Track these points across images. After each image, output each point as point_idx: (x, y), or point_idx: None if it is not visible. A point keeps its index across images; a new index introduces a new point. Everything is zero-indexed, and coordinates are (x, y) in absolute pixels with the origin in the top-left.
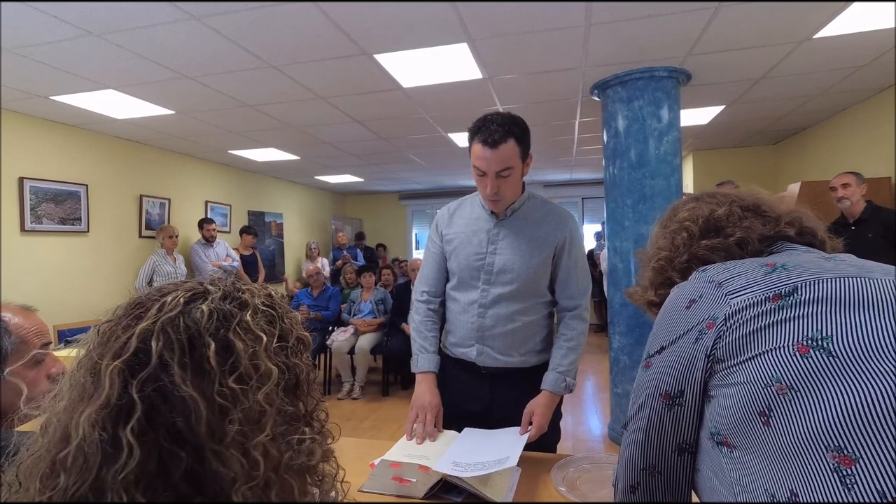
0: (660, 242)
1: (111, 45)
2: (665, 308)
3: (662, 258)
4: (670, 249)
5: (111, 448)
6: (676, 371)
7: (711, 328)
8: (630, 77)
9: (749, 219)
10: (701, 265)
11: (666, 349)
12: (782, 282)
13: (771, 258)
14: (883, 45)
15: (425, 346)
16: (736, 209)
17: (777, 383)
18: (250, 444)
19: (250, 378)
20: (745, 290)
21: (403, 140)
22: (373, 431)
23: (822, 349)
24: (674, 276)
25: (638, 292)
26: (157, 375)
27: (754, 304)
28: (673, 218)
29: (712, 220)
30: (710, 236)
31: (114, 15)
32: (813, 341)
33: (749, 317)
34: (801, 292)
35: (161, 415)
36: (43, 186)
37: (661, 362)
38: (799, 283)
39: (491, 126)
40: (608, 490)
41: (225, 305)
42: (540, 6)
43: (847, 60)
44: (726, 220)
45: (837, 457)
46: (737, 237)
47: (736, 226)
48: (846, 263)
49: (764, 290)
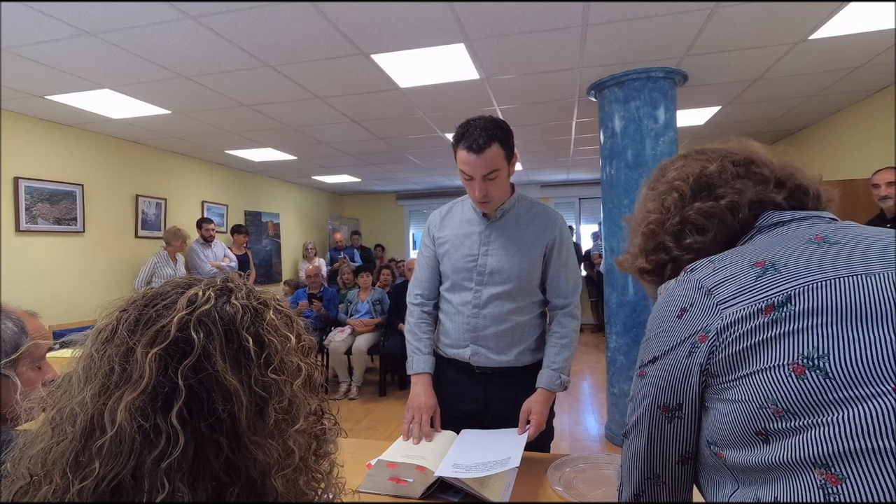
0: (648, 205)
1: (107, 45)
2: (656, 313)
3: (653, 221)
4: (661, 212)
5: (153, 435)
6: (673, 384)
7: (704, 341)
8: (627, 78)
9: (741, 178)
10: (694, 231)
11: (659, 360)
12: (774, 288)
13: (759, 250)
14: (878, 47)
15: (420, 348)
16: (728, 165)
17: (773, 405)
18: (287, 433)
19: (283, 373)
20: (736, 299)
21: (401, 140)
22: (370, 431)
23: (818, 370)
24: (666, 240)
25: (628, 260)
26: (202, 365)
27: (747, 316)
28: (661, 178)
29: (703, 178)
30: (703, 196)
31: (110, 14)
32: (808, 360)
33: (742, 331)
34: (794, 302)
35: (202, 403)
36: (38, 186)
37: (657, 373)
38: (792, 292)
39: (475, 131)
40: (605, 490)
41: (252, 302)
42: (537, 7)
43: (843, 61)
44: (718, 177)
45: (825, 474)
46: (728, 200)
47: (728, 185)
48: (840, 248)
49: (756, 300)
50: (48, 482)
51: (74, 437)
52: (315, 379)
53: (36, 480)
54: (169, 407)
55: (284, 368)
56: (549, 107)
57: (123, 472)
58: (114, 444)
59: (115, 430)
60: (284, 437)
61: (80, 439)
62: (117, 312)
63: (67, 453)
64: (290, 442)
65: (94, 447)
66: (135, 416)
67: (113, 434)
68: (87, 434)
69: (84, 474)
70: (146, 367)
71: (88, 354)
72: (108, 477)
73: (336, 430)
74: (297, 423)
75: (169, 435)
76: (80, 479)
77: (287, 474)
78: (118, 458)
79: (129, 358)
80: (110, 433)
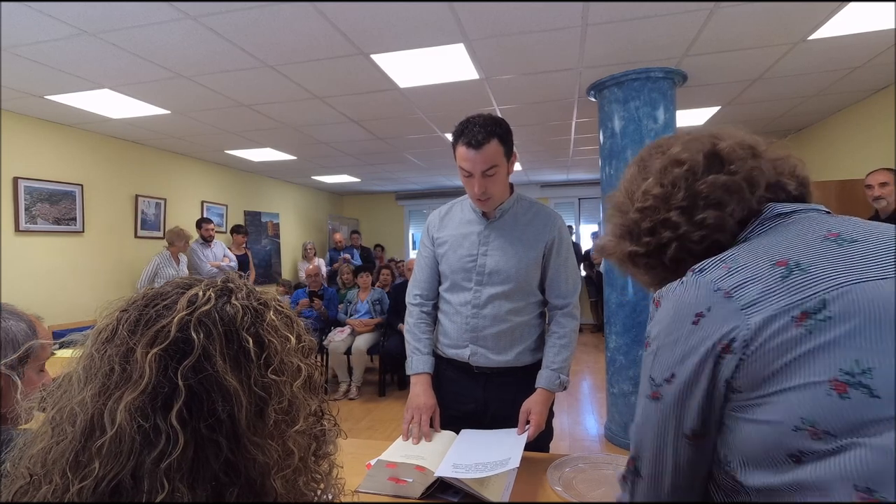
0: (640, 183)
1: (107, 45)
2: (662, 320)
3: (655, 196)
4: (661, 186)
5: (152, 435)
6: (699, 407)
7: (728, 352)
8: (626, 78)
9: (755, 158)
10: (708, 205)
11: (678, 376)
12: (804, 290)
13: (775, 247)
14: (878, 47)
15: (419, 348)
16: (737, 147)
17: (811, 427)
18: (286, 434)
19: (283, 373)
20: (761, 303)
21: (400, 140)
22: (369, 432)
23: (862, 387)
24: (671, 216)
25: (610, 245)
26: (202, 365)
27: (778, 325)
28: (657, 155)
29: (716, 153)
30: (716, 170)
31: (110, 14)
32: (851, 376)
33: (774, 343)
34: (830, 308)
35: (202, 403)
36: (38, 186)
37: (677, 393)
38: (827, 296)
39: (474, 128)
40: (604, 489)
41: (252, 303)
42: (536, 7)
43: (842, 62)
44: (732, 153)
45: (866, 497)
46: (744, 175)
47: (743, 162)
48: (860, 246)
49: (787, 305)
50: (48, 482)
51: (74, 436)
52: (315, 380)
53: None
54: (169, 407)
55: (284, 369)
56: (549, 107)
57: (123, 472)
58: (113, 444)
59: (115, 430)
60: (284, 437)
61: (80, 439)
62: (117, 312)
63: (67, 453)
64: (289, 442)
65: (93, 447)
66: (135, 416)
67: (113, 434)
68: (87, 434)
69: (84, 474)
70: (146, 367)
71: (89, 354)
72: (107, 477)
73: (336, 431)
74: (297, 424)
75: (169, 435)
76: (79, 479)
77: (287, 475)
78: (118, 458)
79: (130, 358)
80: (110, 433)
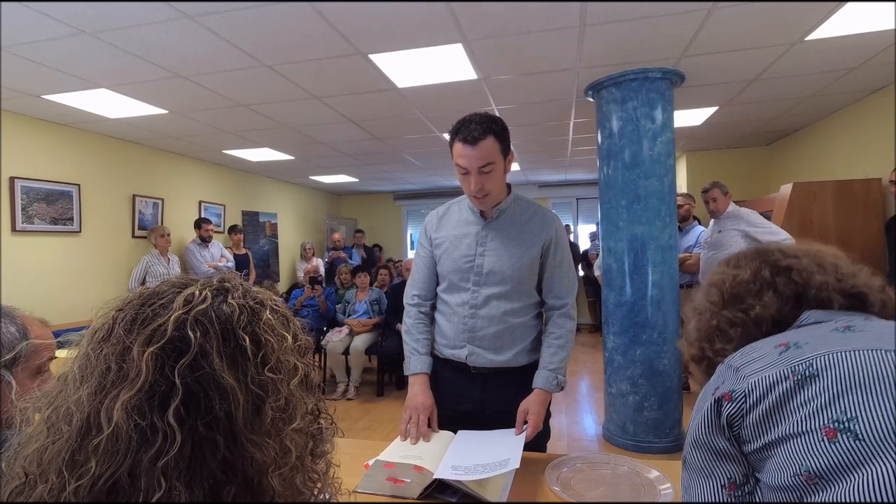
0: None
1: (104, 44)
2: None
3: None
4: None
5: (149, 434)
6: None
7: (729, 400)
8: (624, 78)
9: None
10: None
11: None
12: (796, 359)
13: (784, 335)
14: (876, 47)
15: (417, 349)
16: (765, 273)
17: (806, 472)
18: (283, 432)
19: (280, 372)
20: (760, 370)
21: (398, 140)
22: (367, 432)
23: (849, 432)
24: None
25: (684, 345)
26: (199, 363)
27: (771, 381)
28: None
29: (734, 287)
30: (732, 305)
31: (107, 13)
32: (839, 423)
33: (769, 396)
34: (816, 367)
35: (199, 401)
36: (34, 186)
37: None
38: (814, 360)
39: (470, 125)
40: (602, 489)
41: (249, 302)
42: (534, 7)
43: (839, 62)
44: (747, 287)
45: None
46: (755, 314)
47: (756, 296)
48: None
49: (780, 369)
50: (44, 481)
51: (70, 435)
52: (311, 378)
53: (31, 480)
54: (166, 406)
55: (281, 367)
56: (547, 107)
57: (120, 471)
58: (110, 443)
59: (112, 428)
60: (281, 435)
61: (77, 438)
62: (114, 312)
63: (63, 452)
64: (286, 441)
65: (90, 446)
66: (131, 415)
67: (109, 433)
68: (84, 433)
69: (80, 473)
70: (143, 365)
71: (85, 354)
72: (104, 476)
73: (333, 430)
74: (294, 422)
75: (165, 433)
76: (76, 478)
77: (284, 473)
78: (114, 456)
79: (126, 357)
80: (107, 432)
